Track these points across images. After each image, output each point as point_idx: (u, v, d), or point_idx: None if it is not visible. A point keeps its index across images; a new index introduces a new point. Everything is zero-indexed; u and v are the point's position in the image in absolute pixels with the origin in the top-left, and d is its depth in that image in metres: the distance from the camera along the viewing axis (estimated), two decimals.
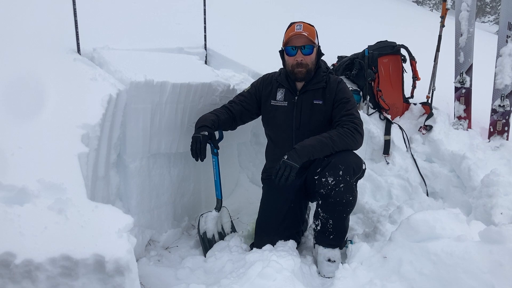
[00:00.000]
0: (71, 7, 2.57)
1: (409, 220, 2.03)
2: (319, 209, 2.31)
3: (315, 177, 2.28)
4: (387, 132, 3.51)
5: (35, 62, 2.29)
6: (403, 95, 3.93)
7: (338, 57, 4.20)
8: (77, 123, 1.93)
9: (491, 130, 3.60)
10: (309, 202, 2.77)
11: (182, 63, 2.99)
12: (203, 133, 2.37)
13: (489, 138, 3.59)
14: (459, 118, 3.78)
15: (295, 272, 2.00)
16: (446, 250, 1.81)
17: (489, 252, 1.72)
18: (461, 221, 2.00)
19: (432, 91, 3.89)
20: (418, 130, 3.63)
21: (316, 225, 2.34)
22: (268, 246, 2.30)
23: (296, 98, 2.48)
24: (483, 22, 21.46)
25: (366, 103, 3.68)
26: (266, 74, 2.69)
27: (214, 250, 2.45)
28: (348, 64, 3.90)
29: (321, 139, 2.24)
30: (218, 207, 2.67)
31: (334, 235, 2.30)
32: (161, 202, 2.72)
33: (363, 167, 2.39)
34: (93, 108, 2.06)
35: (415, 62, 3.89)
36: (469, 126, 3.74)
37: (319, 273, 2.29)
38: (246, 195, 3.45)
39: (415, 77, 3.91)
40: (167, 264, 2.42)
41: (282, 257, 2.05)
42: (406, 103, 3.92)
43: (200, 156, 2.37)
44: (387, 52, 3.82)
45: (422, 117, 3.74)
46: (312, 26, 2.46)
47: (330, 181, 2.20)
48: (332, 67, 4.05)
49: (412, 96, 3.96)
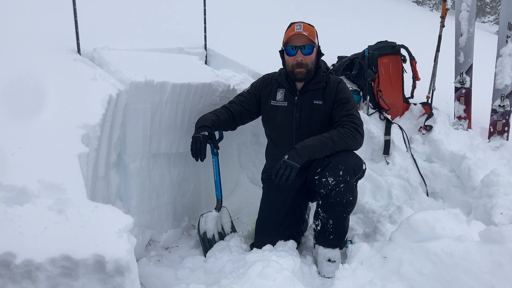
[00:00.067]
0: (71, 7, 2.57)
1: (409, 220, 2.03)
2: (319, 209, 2.31)
3: (315, 177, 2.28)
4: (387, 132, 3.50)
5: (35, 62, 2.29)
6: (403, 95, 3.92)
7: (338, 57, 4.20)
8: (77, 123, 1.93)
9: (491, 130, 3.60)
10: (309, 202, 2.77)
11: (182, 63, 3.00)
12: (203, 133, 2.37)
13: (489, 138, 3.59)
14: (459, 118, 3.78)
15: (295, 272, 2.00)
16: (446, 250, 1.81)
17: (489, 252, 1.72)
18: (461, 221, 2.00)
19: (432, 91, 3.89)
20: (418, 130, 3.63)
21: (316, 225, 2.34)
22: (268, 246, 2.30)
23: (296, 98, 2.48)
24: (483, 22, 21.47)
25: (366, 103, 3.68)
26: (266, 74, 2.69)
27: (214, 250, 2.45)
28: (348, 64, 3.90)
29: (322, 139, 2.24)
30: (218, 207, 2.67)
31: (334, 235, 2.30)
32: (161, 202, 2.72)
33: (363, 167, 2.39)
34: (93, 108, 2.06)
35: (415, 62, 3.89)
36: (469, 126, 3.74)
37: (319, 273, 2.29)
38: (246, 195, 3.44)
39: (415, 77, 3.91)
40: (167, 264, 2.42)
41: (282, 257, 2.05)
42: (406, 103, 3.92)
43: (200, 156, 2.37)
44: (387, 52, 3.82)
45: (422, 117, 3.74)
46: (312, 26, 2.45)
47: (330, 181, 2.20)
48: (332, 67, 4.05)
49: (412, 96, 3.96)
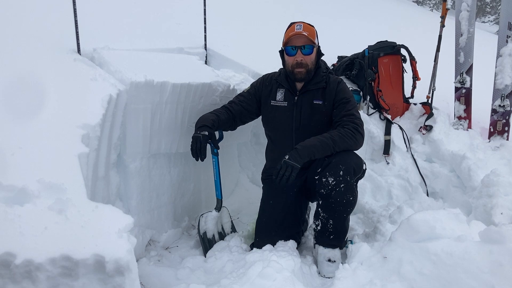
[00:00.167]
0: (71, 7, 2.57)
1: (409, 220, 2.03)
2: (320, 209, 2.31)
3: (316, 177, 2.28)
4: (387, 132, 3.50)
5: (35, 62, 2.29)
6: (403, 95, 3.92)
7: (338, 57, 4.20)
8: (77, 123, 1.93)
9: (491, 130, 3.60)
10: (309, 202, 2.77)
11: (182, 63, 3.00)
12: (203, 133, 2.37)
13: (489, 138, 3.59)
14: (459, 118, 3.78)
15: (295, 272, 2.00)
16: (446, 250, 1.81)
17: (489, 252, 1.72)
18: (461, 221, 2.00)
19: (432, 91, 3.89)
20: (418, 130, 3.63)
21: (316, 225, 2.34)
22: (268, 246, 2.30)
23: (296, 98, 2.48)
24: (483, 22, 21.46)
25: (366, 103, 3.68)
26: (266, 74, 2.69)
27: (214, 250, 2.45)
28: (348, 64, 3.90)
29: (322, 139, 2.24)
30: (218, 207, 2.67)
31: (334, 235, 2.29)
32: (161, 202, 2.72)
33: (364, 167, 2.39)
34: (93, 108, 2.06)
35: (415, 62, 3.89)
36: (469, 126, 3.74)
37: (319, 273, 2.29)
38: (246, 195, 3.44)
39: (415, 77, 3.91)
40: (167, 264, 2.42)
41: (282, 257, 2.05)
42: (406, 103, 3.91)
43: (200, 156, 2.37)
44: (387, 52, 3.82)
45: (422, 117, 3.74)
46: (312, 26, 2.45)
47: (331, 181, 2.19)
48: (332, 67, 4.05)
49: (412, 96, 3.96)
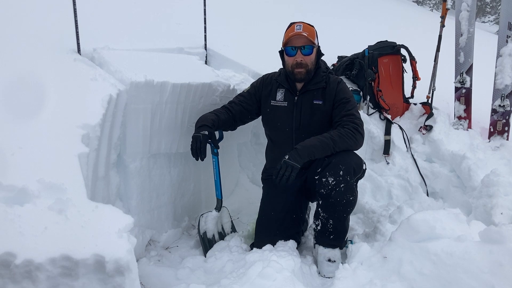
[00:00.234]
0: (71, 7, 2.57)
1: (409, 220, 2.03)
2: (320, 209, 2.31)
3: (316, 177, 2.28)
4: (387, 132, 3.50)
5: (35, 62, 2.29)
6: (403, 95, 3.92)
7: (338, 57, 4.20)
8: (77, 123, 1.93)
9: (491, 130, 3.60)
10: (309, 202, 2.77)
11: (182, 63, 3.00)
12: (203, 133, 2.37)
13: (489, 138, 3.59)
14: (459, 118, 3.78)
15: (295, 272, 2.00)
16: (446, 250, 1.81)
17: (489, 252, 1.72)
18: (461, 221, 2.00)
19: (432, 91, 3.89)
20: (418, 130, 3.63)
21: (316, 225, 2.34)
22: (268, 246, 2.30)
23: (296, 99, 2.48)
24: (483, 22, 21.47)
25: (366, 103, 3.68)
26: (266, 74, 2.69)
27: (214, 250, 2.45)
28: (348, 64, 3.90)
29: (322, 139, 2.24)
30: (218, 207, 2.67)
31: (334, 235, 2.29)
32: (161, 202, 2.72)
33: (364, 167, 2.39)
34: (93, 108, 2.06)
35: (415, 62, 3.89)
36: (469, 126, 3.75)
37: (319, 273, 2.29)
38: (246, 195, 3.44)
39: (415, 77, 3.91)
40: (167, 264, 2.42)
41: (282, 257, 2.05)
42: (406, 103, 3.92)
43: (200, 156, 2.37)
44: (387, 52, 3.82)
45: (422, 117, 3.74)
46: (312, 26, 2.45)
47: (331, 181, 2.19)
48: (332, 67, 4.05)
49: (412, 96, 3.96)
